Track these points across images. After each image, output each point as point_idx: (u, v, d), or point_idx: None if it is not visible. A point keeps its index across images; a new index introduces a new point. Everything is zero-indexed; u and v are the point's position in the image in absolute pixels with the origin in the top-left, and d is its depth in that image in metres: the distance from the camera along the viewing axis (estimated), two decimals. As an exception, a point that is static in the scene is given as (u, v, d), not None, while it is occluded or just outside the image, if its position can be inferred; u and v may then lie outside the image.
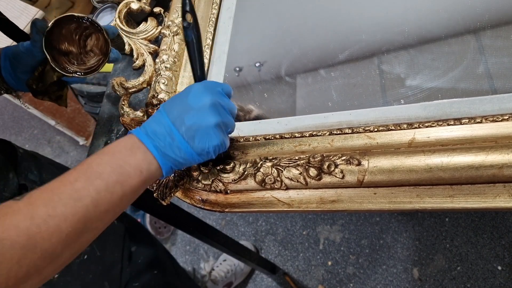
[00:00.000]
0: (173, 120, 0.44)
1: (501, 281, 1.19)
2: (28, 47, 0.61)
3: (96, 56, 0.63)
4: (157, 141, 0.44)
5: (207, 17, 0.71)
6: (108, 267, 0.78)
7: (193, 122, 0.44)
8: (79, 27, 0.60)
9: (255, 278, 1.46)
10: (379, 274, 1.32)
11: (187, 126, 0.44)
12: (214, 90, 0.46)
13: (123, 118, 0.61)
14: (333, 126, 0.53)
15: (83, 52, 0.63)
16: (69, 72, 0.61)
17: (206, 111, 0.44)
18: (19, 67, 0.63)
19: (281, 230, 1.51)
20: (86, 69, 0.62)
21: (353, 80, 0.56)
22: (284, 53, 0.64)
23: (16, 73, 0.63)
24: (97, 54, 0.63)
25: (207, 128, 0.44)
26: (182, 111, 0.44)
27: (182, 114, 0.44)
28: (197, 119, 0.44)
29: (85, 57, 0.63)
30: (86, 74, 0.62)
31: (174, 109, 0.45)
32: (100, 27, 0.59)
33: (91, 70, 0.62)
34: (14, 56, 0.62)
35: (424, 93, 0.50)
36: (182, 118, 0.44)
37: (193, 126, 0.44)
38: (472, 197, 0.43)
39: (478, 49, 0.50)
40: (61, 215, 0.36)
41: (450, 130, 0.45)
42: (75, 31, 0.61)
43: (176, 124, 0.44)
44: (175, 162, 0.45)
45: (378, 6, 0.60)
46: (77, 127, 1.87)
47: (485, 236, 1.26)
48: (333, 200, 0.49)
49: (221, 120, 0.45)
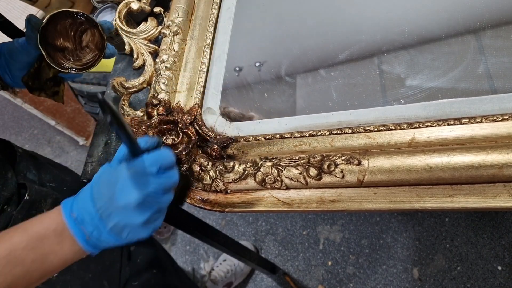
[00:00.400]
0: (101, 212, 0.43)
1: (501, 281, 1.19)
2: (23, 44, 0.60)
3: (92, 52, 0.62)
4: (85, 231, 0.43)
5: (207, 17, 0.71)
6: (107, 266, 0.78)
7: (120, 219, 0.42)
8: (74, 23, 0.60)
9: (255, 278, 1.46)
10: (379, 274, 1.32)
11: (114, 222, 0.42)
12: (144, 180, 0.42)
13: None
14: (333, 126, 0.53)
15: (78, 48, 0.62)
16: (65, 68, 0.60)
17: (132, 210, 0.42)
18: (14, 64, 0.62)
19: (281, 230, 1.51)
20: (82, 65, 0.62)
21: (353, 80, 0.56)
22: (284, 53, 0.64)
23: (12, 69, 0.63)
24: (92, 50, 0.62)
25: (134, 226, 0.43)
26: (109, 205, 0.43)
27: (109, 208, 0.43)
28: (123, 217, 0.42)
29: (81, 53, 0.63)
30: (82, 70, 0.61)
31: (101, 198, 0.43)
32: (95, 23, 0.59)
33: (87, 66, 0.62)
34: (9, 53, 0.62)
35: (424, 93, 0.50)
36: (109, 213, 0.42)
37: (119, 223, 0.42)
38: (472, 197, 0.43)
39: (478, 49, 0.50)
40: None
41: (450, 130, 0.46)
42: (70, 27, 0.60)
43: (103, 217, 0.43)
44: (101, 249, 0.45)
45: (378, 6, 0.60)
46: (77, 127, 1.87)
47: (485, 236, 1.26)
48: (333, 200, 0.49)
49: (150, 216, 0.43)
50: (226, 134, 0.59)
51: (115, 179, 0.43)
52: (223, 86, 0.64)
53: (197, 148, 0.57)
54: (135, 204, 0.42)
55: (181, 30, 0.68)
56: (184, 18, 0.69)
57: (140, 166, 0.43)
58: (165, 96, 0.62)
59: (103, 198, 0.43)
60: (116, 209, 0.42)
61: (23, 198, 0.64)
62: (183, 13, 0.69)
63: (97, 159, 0.71)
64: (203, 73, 0.65)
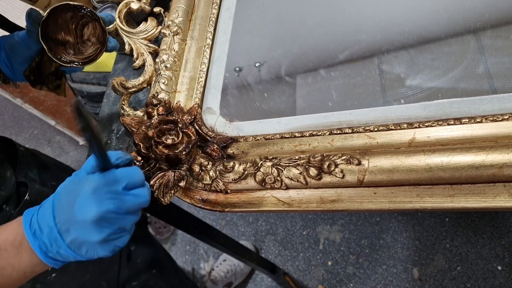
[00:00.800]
0: (59, 226, 0.41)
1: (501, 281, 1.19)
2: (23, 38, 0.60)
3: (94, 45, 0.62)
4: (43, 244, 0.41)
5: (207, 17, 0.71)
6: (106, 266, 0.78)
7: (77, 235, 0.41)
8: (75, 16, 0.59)
9: (255, 278, 1.46)
10: (379, 274, 1.32)
11: (72, 237, 0.41)
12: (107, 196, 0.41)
13: (123, 118, 0.61)
14: (333, 126, 0.53)
15: (80, 42, 0.62)
16: (67, 62, 0.60)
17: (89, 227, 0.40)
18: (15, 58, 0.62)
19: (281, 230, 1.51)
20: (83, 59, 0.61)
21: (353, 80, 0.56)
22: (284, 53, 0.64)
23: (13, 63, 0.63)
24: (94, 43, 0.62)
25: (92, 243, 0.41)
26: (68, 218, 0.41)
27: (68, 222, 0.41)
28: (81, 232, 0.41)
29: (83, 47, 0.62)
30: (84, 64, 0.61)
31: (61, 210, 0.42)
32: (97, 16, 0.58)
33: (89, 59, 0.61)
34: (10, 47, 0.61)
35: (424, 93, 0.50)
36: (67, 227, 0.41)
37: (78, 239, 0.41)
38: (472, 197, 0.42)
39: (478, 49, 0.50)
40: None
41: (450, 130, 0.46)
42: (71, 20, 0.60)
43: (61, 231, 0.41)
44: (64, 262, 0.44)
45: (378, 6, 0.60)
46: (77, 127, 1.87)
47: (485, 236, 1.26)
48: (333, 200, 0.49)
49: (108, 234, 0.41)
50: (226, 134, 0.59)
51: (77, 191, 0.41)
52: (223, 86, 0.64)
53: (197, 148, 0.57)
54: (91, 220, 0.40)
55: (181, 30, 0.68)
56: (184, 18, 0.69)
57: (105, 180, 0.41)
58: (165, 96, 0.62)
59: (63, 211, 0.41)
60: (74, 224, 0.40)
61: (23, 197, 0.64)
62: (183, 13, 0.69)
63: (97, 159, 0.71)
64: (203, 73, 0.65)
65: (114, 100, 0.78)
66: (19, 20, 1.49)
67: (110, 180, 0.41)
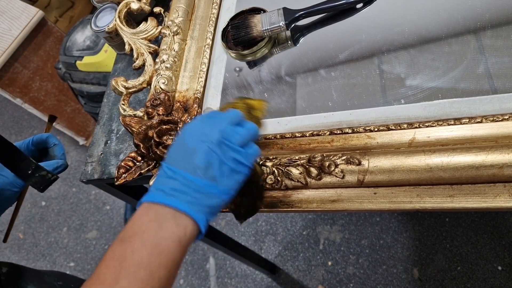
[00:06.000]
0: (184, 169, 0.39)
1: (501, 281, 1.19)
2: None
3: None
4: (181, 197, 0.38)
5: (207, 17, 0.71)
6: None
7: (209, 160, 0.39)
8: None
9: (255, 278, 1.46)
10: (379, 274, 1.32)
11: (202, 168, 0.38)
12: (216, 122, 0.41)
13: (123, 118, 0.61)
14: (333, 126, 0.53)
15: None
16: None
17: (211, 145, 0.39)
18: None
19: (281, 230, 1.51)
20: None
21: (353, 80, 0.56)
22: (284, 53, 0.64)
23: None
24: None
25: (221, 161, 0.39)
26: (187, 157, 0.39)
27: (189, 159, 0.39)
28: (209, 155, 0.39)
29: None
30: None
31: (176, 159, 0.40)
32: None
33: None
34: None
35: (424, 93, 0.50)
36: (192, 163, 0.39)
37: (209, 166, 0.39)
38: (472, 197, 0.43)
39: (478, 49, 0.50)
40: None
41: (450, 130, 0.45)
42: None
43: (190, 172, 0.38)
44: (210, 211, 0.40)
45: (378, 5, 0.60)
46: (77, 127, 1.87)
47: (485, 236, 1.26)
48: (333, 200, 0.49)
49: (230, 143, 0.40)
50: (226, 134, 0.59)
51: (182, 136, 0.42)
52: (223, 86, 0.64)
53: (197, 148, 0.57)
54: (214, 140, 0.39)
55: (181, 30, 0.68)
56: (184, 18, 0.69)
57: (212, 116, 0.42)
58: (165, 96, 0.62)
59: (178, 158, 0.40)
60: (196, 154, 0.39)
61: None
62: (183, 13, 0.69)
63: (97, 159, 0.71)
64: (203, 73, 0.65)
65: (114, 100, 0.78)
66: (19, 20, 1.49)
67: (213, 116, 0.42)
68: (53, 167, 0.60)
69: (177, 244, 0.37)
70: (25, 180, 0.57)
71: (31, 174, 0.56)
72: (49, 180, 0.58)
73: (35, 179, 0.57)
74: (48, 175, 0.58)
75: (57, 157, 0.63)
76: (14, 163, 0.55)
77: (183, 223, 0.38)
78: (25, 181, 0.58)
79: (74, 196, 1.89)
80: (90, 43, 1.38)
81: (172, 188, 0.38)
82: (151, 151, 0.55)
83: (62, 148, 0.64)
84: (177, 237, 0.37)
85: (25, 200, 1.93)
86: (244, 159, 0.40)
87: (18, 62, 1.54)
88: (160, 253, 0.36)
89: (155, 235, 0.36)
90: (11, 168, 0.55)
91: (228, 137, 0.40)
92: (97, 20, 0.78)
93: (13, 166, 0.55)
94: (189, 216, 0.38)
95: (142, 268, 0.34)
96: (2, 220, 0.73)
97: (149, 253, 0.35)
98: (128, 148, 0.69)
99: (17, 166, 0.56)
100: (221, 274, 1.50)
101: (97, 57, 1.36)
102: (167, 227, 0.37)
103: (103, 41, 1.35)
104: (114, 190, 0.77)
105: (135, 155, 0.58)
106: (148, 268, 0.34)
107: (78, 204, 1.86)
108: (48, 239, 1.81)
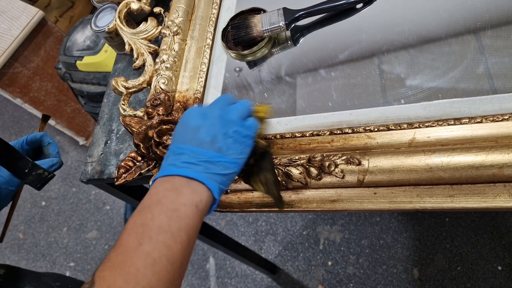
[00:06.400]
0: (191, 144, 0.41)
1: (501, 281, 1.19)
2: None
3: None
4: (193, 167, 0.40)
5: (207, 17, 0.71)
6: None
7: (213, 134, 0.41)
8: None
9: (255, 278, 1.46)
10: (379, 274, 1.32)
11: (208, 141, 0.40)
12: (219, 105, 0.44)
13: (123, 118, 0.61)
14: (333, 126, 0.53)
15: None
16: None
17: (213, 120, 0.42)
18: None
19: (281, 230, 1.51)
20: None
21: (353, 80, 0.56)
22: (284, 53, 0.64)
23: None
24: None
25: (224, 134, 0.41)
26: (192, 134, 0.42)
27: (194, 135, 0.41)
28: (212, 129, 0.41)
29: None
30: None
31: (181, 138, 0.42)
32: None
33: None
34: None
35: (424, 93, 0.50)
36: (198, 139, 0.41)
37: (214, 139, 0.41)
38: (472, 197, 0.43)
39: (478, 49, 0.50)
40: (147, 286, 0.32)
41: (450, 130, 0.45)
42: None
43: (198, 146, 0.41)
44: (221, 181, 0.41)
45: (378, 5, 0.60)
46: (77, 127, 1.87)
47: (485, 236, 1.26)
48: (333, 200, 0.49)
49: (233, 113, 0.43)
50: (226, 134, 0.59)
51: (184, 119, 0.44)
52: (223, 86, 0.64)
53: (197, 148, 0.57)
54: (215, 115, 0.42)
55: (181, 30, 0.68)
56: (184, 18, 0.69)
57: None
58: (165, 96, 0.62)
59: (184, 136, 0.42)
60: (201, 129, 0.42)
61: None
62: (183, 13, 0.69)
63: (97, 159, 0.71)
64: (203, 73, 0.65)
65: (114, 100, 0.78)
66: (19, 20, 1.49)
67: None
68: (49, 165, 0.61)
69: (194, 210, 0.38)
70: (22, 178, 0.58)
71: (28, 172, 0.57)
72: (45, 178, 0.59)
73: (32, 177, 0.58)
74: (44, 173, 0.59)
75: (51, 155, 0.64)
76: (11, 162, 0.55)
77: (199, 189, 0.39)
78: (22, 180, 0.58)
79: (74, 196, 1.89)
80: (90, 43, 1.38)
81: (183, 162, 0.40)
82: (151, 151, 0.55)
83: (56, 147, 0.65)
84: (194, 202, 0.38)
85: (25, 200, 1.93)
86: (245, 131, 0.43)
87: (18, 62, 1.54)
88: (179, 218, 0.37)
89: (173, 201, 0.38)
90: (8, 167, 0.56)
91: (227, 112, 0.43)
92: (97, 20, 0.78)
93: (10, 165, 0.55)
94: (203, 184, 0.39)
95: (163, 232, 0.35)
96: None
97: (168, 217, 0.36)
98: (128, 148, 0.69)
99: (14, 165, 0.56)
100: (221, 274, 1.50)
101: (97, 57, 1.36)
102: (184, 194, 0.38)
103: (103, 41, 1.35)
104: (114, 190, 0.77)
105: (135, 155, 0.58)
106: (169, 231, 0.36)
107: (78, 204, 1.86)
108: (48, 239, 1.81)
